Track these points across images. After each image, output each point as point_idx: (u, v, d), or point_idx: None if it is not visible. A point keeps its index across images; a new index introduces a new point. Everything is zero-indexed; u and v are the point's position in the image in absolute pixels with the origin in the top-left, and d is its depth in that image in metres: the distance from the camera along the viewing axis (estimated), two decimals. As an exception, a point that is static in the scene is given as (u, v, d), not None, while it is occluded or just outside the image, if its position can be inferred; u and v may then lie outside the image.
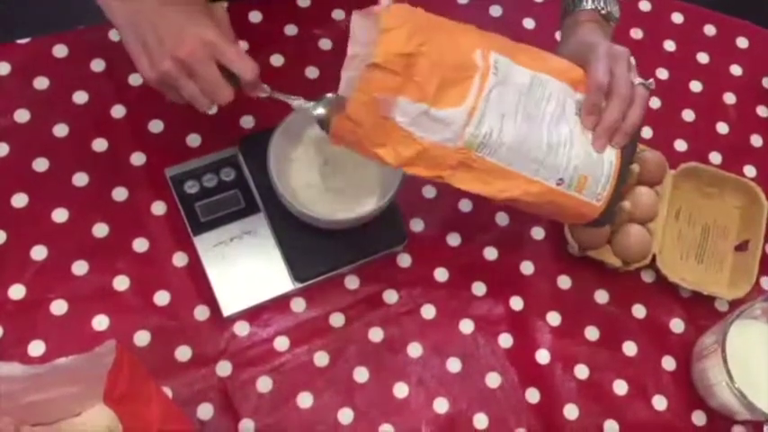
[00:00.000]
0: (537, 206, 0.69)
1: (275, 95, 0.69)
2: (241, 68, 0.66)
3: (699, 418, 0.80)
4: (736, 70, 0.96)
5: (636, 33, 0.96)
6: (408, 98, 0.61)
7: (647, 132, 0.91)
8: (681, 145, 0.91)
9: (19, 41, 0.85)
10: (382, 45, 0.60)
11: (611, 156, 0.69)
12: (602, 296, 0.84)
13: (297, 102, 0.69)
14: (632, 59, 0.71)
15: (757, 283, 0.83)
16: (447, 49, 0.62)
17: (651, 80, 0.71)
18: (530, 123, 0.65)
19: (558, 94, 0.67)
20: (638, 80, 0.69)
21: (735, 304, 0.83)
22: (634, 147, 0.71)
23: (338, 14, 0.92)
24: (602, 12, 0.74)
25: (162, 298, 0.78)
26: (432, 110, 0.62)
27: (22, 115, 0.82)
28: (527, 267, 0.84)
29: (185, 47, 0.63)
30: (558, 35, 0.79)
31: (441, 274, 0.82)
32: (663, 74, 0.95)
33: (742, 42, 0.98)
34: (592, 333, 0.82)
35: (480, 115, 0.63)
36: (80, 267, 0.78)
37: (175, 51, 0.63)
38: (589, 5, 0.74)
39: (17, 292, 0.76)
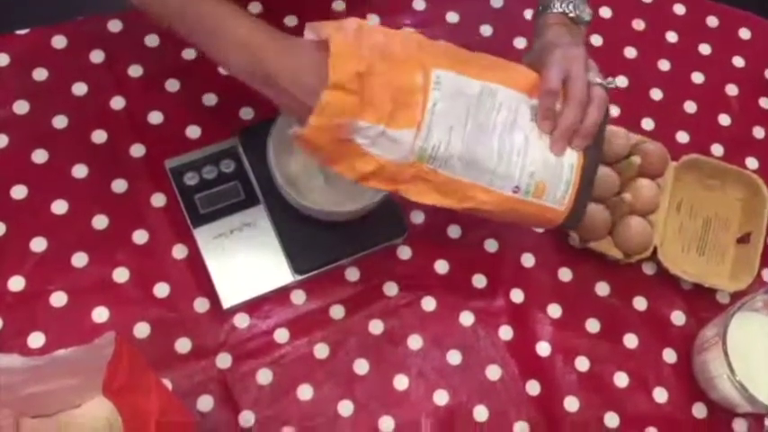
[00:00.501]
0: (499, 214, 0.70)
1: None
2: None
3: (699, 410, 0.80)
4: (738, 62, 0.96)
5: (638, 25, 0.96)
6: (367, 121, 0.63)
7: (648, 124, 0.91)
8: (682, 137, 0.91)
9: (18, 32, 0.85)
10: (335, 67, 0.61)
11: (571, 159, 0.68)
12: (602, 288, 0.84)
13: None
14: (590, 61, 0.70)
15: (759, 275, 0.83)
16: (393, 74, 0.64)
17: (611, 79, 0.70)
18: (480, 134, 0.66)
19: (509, 102, 0.67)
20: (597, 80, 0.69)
21: (736, 297, 0.83)
22: (599, 147, 0.69)
23: (339, 5, 0.91)
24: (570, 15, 0.74)
25: (162, 290, 0.78)
26: (388, 130, 0.64)
27: (21, 107, 0.82)
28: (528, 259, 0.84)
29: None
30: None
31: (441, 267, 0.82)
32: (665, 65, 0.94)
33: (744, 34, 0.97)
34: (592, 325, 0.82)
35: (427, 129, 0.64)
36: (80, 259, 0.77)
37: None
38: (557, 9, 0.74)
39: (17, 283, 0.76)
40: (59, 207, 0.79)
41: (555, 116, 0.68)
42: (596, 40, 0.94)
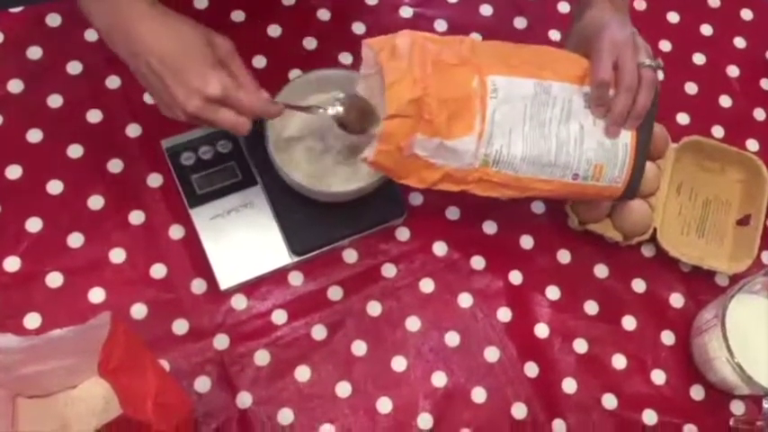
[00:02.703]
0: (561, 196, 0.75)
1: (290, 107, 0.70)
2: (263, 112, 0.67)
3: (697, 392, 0.80)
4: (739, 43, 0.95)
5: (639, 5, 0.95)
6: (424, 135, 0.67)
7: (648, 105, 0.90)
8: (683, 118, 0.90)
9: (11, 10, 0.84)
10: (391, 99, 0.65)
11: (625, 139, 0.72)
12: (601, 270, 0.83)
13: (313, 108, 0.71)
14: (639, 40, 0.71)
15: (758, 257, 0.83)
16: (447, 86, 0.67)
17: (659, 60, 0.72)
18: (538, 131, 0.70)
19: (562, 94, 0.70)
20: (646, 61, 0.70)
21: (735, 279, 0.82)
22: (651, 121, 0.72)
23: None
24: None
25: (158, 271, 0.77)
26: (445, 142, 0.67)
27: (15, 85, 0.81)
28: (527, 241, 0.83)
29: (211, 87, 0.62)
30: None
31: (439, 248, 0.82)
32: (666, 46, 0.93)
33: (746, 14, 0.97)
34: (591, 307, 0.82)
35: (488, 137, 0.68)
36: (76, 240, 0.77)
37: (204, 91, 0.62)
38: None
39: (12, 264, 0.75)
40: (55, 187, 0.78)
41: (608, 103, 0.70)
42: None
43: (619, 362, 0.80)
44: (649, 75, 0.70)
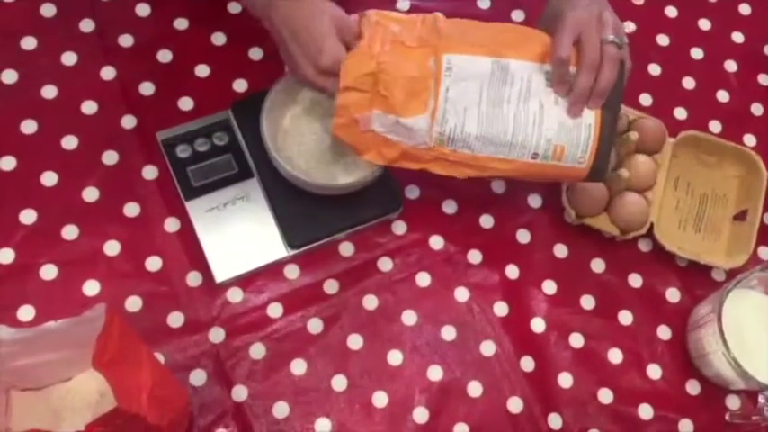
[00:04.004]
0: (522, 177, 0.73)
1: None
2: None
3: (693, 387, 0.80)
4: (737, 37, 0.95)
5: (637, -1, 0.95)
6: (380, 111, 0.68)
7: (646, 100, 0.90)
8: (680, 113, 0.90)
9: (6, 0, 0.83)
10: (346, 72, 0.67)
11: (588, 119, 0.70)
12: (598, 265, 0.83)
13: None
14: (607, 16, 0.70)
15: (754, 252, 0.83)
16: (404, 65, 0.68)
17: (624, 37, 0.70)
18: (494, 110, 0.69)
19: (521, 73, 0.69)
20: (609, 37, 0.69)
21: (731, 274, 0.83)
22: (617, 100, 0.71)
23: None
24: None
25: (154, 263, 0.77)
26: (401, 119, 0.68)
27: (9, 76, 0.81)
28: (523, 235, 0.83)
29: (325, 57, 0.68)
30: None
31: (436, 242, 0.82)
32: (664, 40, 0.93)
33: (744, 9, 0.96)
34: (587, 302, 0.82)
35: (442, 115, 0.68)
36: (70, 232, 0.76)
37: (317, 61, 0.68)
38: None
39: (6, 256, 0.75)
40: (49, 179, 0.78)
41: (569, 81, 0.69)
42: (595, 15, 0.93)
43: (615, 356, 0.80)
44: (612, 51, 0.69)
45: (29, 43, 0.82)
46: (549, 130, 0.69)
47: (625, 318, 0.82)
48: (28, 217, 0.76)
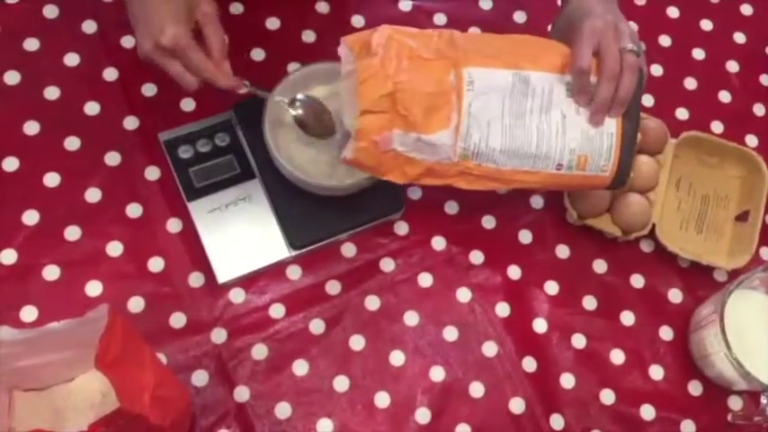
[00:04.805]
0: (547, 187, 0.73)
1: (254, 90, 0.72)
2: (212, 78, 0.69)
3: (695, 387, 0.80)
4: (739, 38, 0.95)
5: (639, 0, 0.95)
6: (401, 130, 0.67)
7: (648, 101, 0.90)
8: (682, 113, 0.90)
9: (8, 1, 0.83)
10: (363, 96, 0.66)
11: (610, 127, 0.70)
12: (600, 266, 0.83)
13: (277, 97, 0.73)
14: (622, 25, 0.70)
15: (756, 253, 0.83)
16: (423, 81, 0.67)
17: (642, 44, 0.71)
18: (517, 123, 0.69)
19: (542, 84, 0.69)
20: (628, 46, 0.69)
21: (733, 275, 0.82)
22: (637, 108, 0.71)
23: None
24: None
25: (156, 264, 0.77)
26: (423, 136, 0.67)
27: (12, 77, 0.81)
28: (525, 236, 0.83)
29: (165, 38, 0.66)
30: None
31: (438, 243, 0.82)
32: (665, 41, 0.93)
33: (746, 9, 0.96)
34: (589, 302, 0.82)
35: (466, 130, 0.68)
36: (73, 233, 0.77)
37: (158, 38, 0.66)
38: None
39: (9, 256, 0.75)
40: (52, 180, 0.78)
41: (590, 90, 0.69)
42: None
43: (617, 357, 0.80)
44: (632, 59, 0.69)
45: (31, 44, 0.82)
46: (573, 140, 0.69)
47: (627, 318, 0.82)
48: (30, 218, 0.76)
